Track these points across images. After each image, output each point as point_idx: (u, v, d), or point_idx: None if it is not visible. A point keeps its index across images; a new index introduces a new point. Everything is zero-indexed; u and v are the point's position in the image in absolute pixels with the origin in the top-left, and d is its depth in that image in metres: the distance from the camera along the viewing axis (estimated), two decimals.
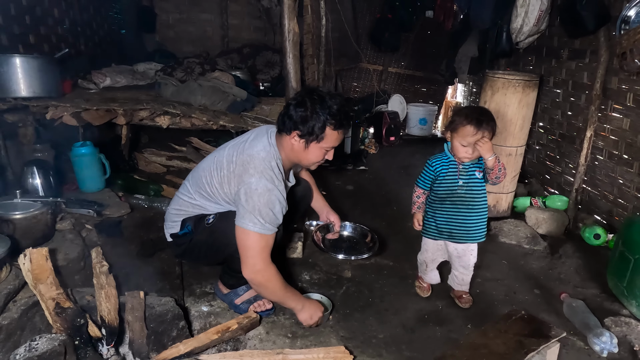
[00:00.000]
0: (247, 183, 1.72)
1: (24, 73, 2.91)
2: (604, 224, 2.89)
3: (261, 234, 1.71)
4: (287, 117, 1.77)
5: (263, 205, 1.70)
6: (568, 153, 3.33)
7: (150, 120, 3.24)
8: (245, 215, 1.70)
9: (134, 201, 3.00)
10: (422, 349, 1.85)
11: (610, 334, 1.86)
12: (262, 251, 1.73)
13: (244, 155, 1.79)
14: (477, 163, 2.01)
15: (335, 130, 1.76)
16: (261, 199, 1.70)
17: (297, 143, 1.78)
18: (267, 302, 2.01)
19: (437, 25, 5.52)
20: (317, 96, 1.75)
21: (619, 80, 2.78)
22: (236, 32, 6.08)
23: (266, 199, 1.70)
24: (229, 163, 1.82)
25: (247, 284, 1.97)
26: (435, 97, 6.20)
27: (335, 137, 1.78)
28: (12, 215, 2.07)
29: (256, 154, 1.78)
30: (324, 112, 1.72)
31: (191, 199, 1.96)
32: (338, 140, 1.81)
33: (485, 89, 3.12)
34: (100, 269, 1.83)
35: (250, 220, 1.70)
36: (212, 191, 1.88)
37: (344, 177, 4.02)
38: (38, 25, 3.53)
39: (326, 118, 1.72)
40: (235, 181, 1.77)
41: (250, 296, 2.01)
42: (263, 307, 1.99)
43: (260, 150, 1.79)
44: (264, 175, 1.72)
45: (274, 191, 1.72)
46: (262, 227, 1.70)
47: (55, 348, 1.36)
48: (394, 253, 2.66)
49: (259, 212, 1.69)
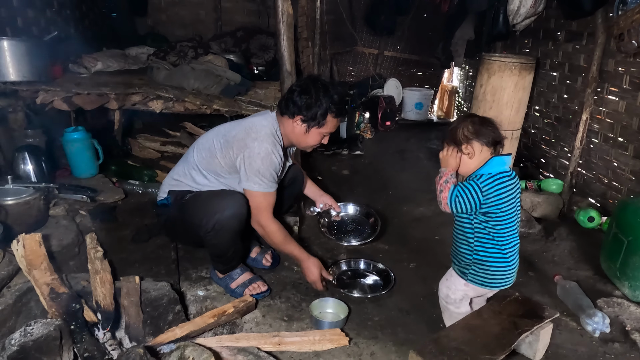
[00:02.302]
0: (249, 147, 1.87)
1: (13, 57, 2.85)
2: (598, 207, 2.91)
3: (265, 193, 1.90)
4: (291, 102, 1.91)
5: (265, 167, 1.86)
6: (563, 136, 3.33)
7: (143, 104, 3.20)
8: (250, 178, 1.87)
9: (128, 187, 2.98)
10: (418, 330, 1.87)
11: (602, 315, 1.89)
12: (266, 209, 1.93)
13: (247, 122, 1.98)
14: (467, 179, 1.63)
15: (336, 117, 1.94)
16: (264, 162, 1.86)
17: (298, 127, 1.94)
18: (262, 284, 2.03)
19: (433, 8, 5.43)
20: (321, 85, 1.92)
21: (615, 62, 2.77)
22: (229, 15, 5.97)
23: (268, 162, 1.87)
24: (231, 130, 1.97)
25: (236, 267, 2.02)
26: (431, 81, 6.16)
27: (334, 124, 1.97)
28: (4, 201, 2.05)
29: (258, 122, 1.96)
30: (327, 100, 1.88)
31: (186, 168, 2.05)
32: (336, 126, 1.99)
33: (481, 72, 3.09)
34: (95, 254, 1.82)
35: (254, 181, 1.87)
36: (211, 159, 1.97)
37: (339, 162, 4.01)
38: (26, 8, 3.44)
39: (329, 106, 1.89)
40: (237, 145, 1.90)
41: (245, 279, 2.02)
42: (258, 289, 2.00)
43: (262, 120, 1.97)
44: (266, 140, 1.88)
45: (275, 153, 1.89)
46: (265, 187, 1.89)
47: (51, 333, 1.35)
48: (390, 237, 2.67)
49: (262, 173, 1.86)
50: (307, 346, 1.70)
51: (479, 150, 1.56)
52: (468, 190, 1.54)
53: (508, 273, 1.64)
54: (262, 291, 2.01)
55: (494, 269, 1.62)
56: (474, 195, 1.54)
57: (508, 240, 1.61)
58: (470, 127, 1.57)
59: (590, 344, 1.84)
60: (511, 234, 1.61)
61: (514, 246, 1.63)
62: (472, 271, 1.65)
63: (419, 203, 3.17)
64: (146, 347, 1.43)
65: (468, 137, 1.57)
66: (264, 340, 1.68)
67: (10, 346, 1.30)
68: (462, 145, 1.58)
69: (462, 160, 1.60)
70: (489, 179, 1.54)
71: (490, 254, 1.61)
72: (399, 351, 1.75)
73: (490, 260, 1.61)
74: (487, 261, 1.61)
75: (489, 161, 1.57)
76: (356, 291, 2.13)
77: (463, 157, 1.59)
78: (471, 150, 1.57)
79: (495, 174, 1.54)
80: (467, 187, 1.55)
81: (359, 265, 2.32)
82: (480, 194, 1.53)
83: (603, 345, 1.83)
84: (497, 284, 1.65)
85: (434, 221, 2.90)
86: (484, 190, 1.53)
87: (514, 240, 1.63)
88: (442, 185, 1.60)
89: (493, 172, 1.55)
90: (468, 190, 1.54)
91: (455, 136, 1.59)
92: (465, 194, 1.55)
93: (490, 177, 1.54)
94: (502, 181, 1.54)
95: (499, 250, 1.60)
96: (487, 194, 1.53)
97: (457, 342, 1.49)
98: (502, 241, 1.60)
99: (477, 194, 1.54)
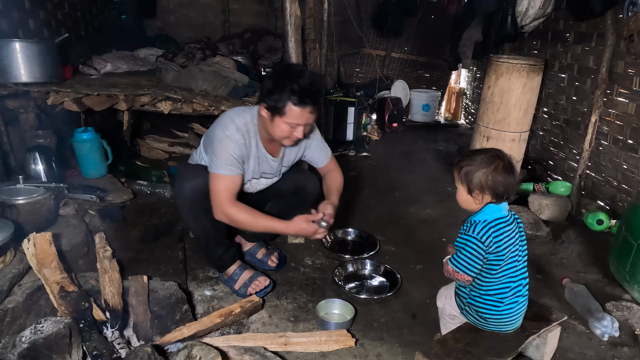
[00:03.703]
0: (210, 135, 1.89)
1: (25, 58, 2.89)
2: (607, 209, 2.88)
3: (218, 175, 1.81)
4: (261, 87, 1.85)
5: (221, 149, 1.80)
6: (572, 139, 3.30)
7: (151, 105, 3.22)
8: (210, 162, 1.85)
9: (136, 187, 3.01)
10: (424, 332, 1.86)
11: (611, 318, 1.87)
12: (223, 193, 1.81)
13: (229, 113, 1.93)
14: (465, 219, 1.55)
15: (297, 106, 1.72)
16: (221, 144, 1.81)
17: (265, 115, 1.81)
18: (264, 280, 2.04)
19: (441, 10, 5.44)
20: (286, 70, 1.82)
21: (625, 64, 2.74)
22: (237, 17, 6.01)
23: (225, 144, 1.80)
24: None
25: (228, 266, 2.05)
26: (438, 82, 6.14)
27: (298, 114, 1.74)
28: (15, 201, 2.08)
29: (228, 113, 1.91)
30: (288, 87, 1.70)
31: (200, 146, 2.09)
32: (302, 117, 1.76)
33: (489, 73, 3.08)
34: (103, 253, 1.84)
35: (210, 165, 1.84)
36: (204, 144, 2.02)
37: (346, 163, 4.01)
38: (38, 10, 3.49)
39: (288, 94, 1.71)
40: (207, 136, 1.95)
41: (246, 279, 2.04)
42: (260, 286, 2.02)
43: (241, 111, 1.92)
44: (229, 127, 1.83)
45: (232, 138, 1.82)
46: (217, 168, 1.80)
47: (60, 330, 1.37)
48: (396, 239, 2.66)
49: (216, 154, 1.80)
50: (313, 347, 1.70)
51: (487, 200, 1.47)
52: (465, 248, 1.46)
53: (504, 320, 1.52)
54: (264, 286, 2.03)
55: (489, 316, 1.51)
56: (475, 248, 1.45)
57: (505, 289, 1.49)
58: (491, 179, 1.42)
59: (599, 348, 1.82)
60: (510, 282, 1.49)
61: (514, 294, 1.50)
62: (467, 310, 1.57)
63: (426, 205, 3.16)
64: (154, 345, 1.44)
65: (484, 188, 1.44)
66: (271, 341, 1.68)
67: (21, 343, 1.32)
68: (473, 192, 1.46)
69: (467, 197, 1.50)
70: (484, 227, 1.44)
71: (484, 302, 1.50)
72: (405, 353, 1.75)
73: (484, 308, 1.51)
74: (481, 308, 1.51)
75: (484, 207, 1.47)
76: (362, 292, 2.13)
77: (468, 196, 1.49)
78: (480, 199, 1.47)
79: (490, 220, 1.45)
80: (463, 245, 1.46)
81: (365, 266, 2.32)
82: (479, 243, 1.44)
83: (612, 349, 1.81)
84: (491, 328, 1.55)
85: (440, 223, 2.90)
86: (482, 240, 1.44)
87: (515, 289, 1.50)
88: (450, 272, 1.52)
89: (488, 219, 1.45)
90: (465, 249, 1.46)
91: (471, 178, 1.45)
92: (464, 254, 1.46)
93: (485, 225, 1.44)
94: (497, 227, 1.45)
95: (496, 300, 1.49)
96: (485, 243, 1.44)
97: (463, 344, 1.49)
98: (500, 289, 1.49)
99: (476, 246, 1.45)
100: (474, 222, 1.47)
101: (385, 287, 2.19)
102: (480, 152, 1.50)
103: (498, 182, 1.42)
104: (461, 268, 1.47)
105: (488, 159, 1.45)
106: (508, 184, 1.43)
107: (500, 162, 1.44)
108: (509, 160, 1.47)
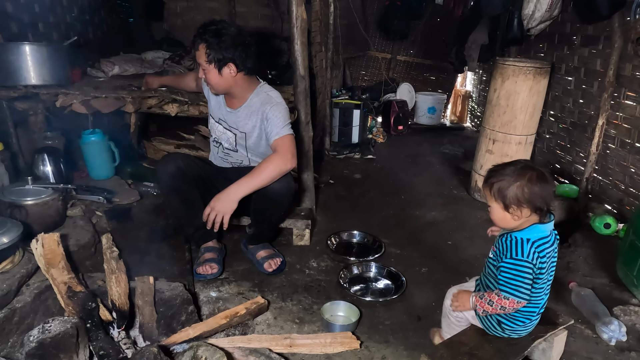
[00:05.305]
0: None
1: (34, 61, 2.91)
2: (615, 213, 2.86)
3: None
4: None
5: None
6: (579, 142, 3.29)
7: (158, 108, 3.24)
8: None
9: (143, 189, 3.03)
10: (429, 335, 1.86)
11: (618, 323, 1.86)
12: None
13: None
14: (503, 234, 1.47)
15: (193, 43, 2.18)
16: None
17: None
18: (210, 268, 2.16)
19: (446, 12, 5.44)
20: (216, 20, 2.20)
21: (632, 67, 2.73)
22: (244, 20, 6.03)
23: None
24: None
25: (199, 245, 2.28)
26: (444, 85, 6.13)
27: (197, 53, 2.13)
28: (24, 201, 2.11)
29: None
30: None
31: None
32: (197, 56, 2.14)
33: (495, 76, 3.08)
34: (110, 254, 1.85)
35: None
36: None
37: (351, 165, 4.01)
38: (47, 14, 3.53)
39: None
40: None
41: (201, 260, 2.20)
42: (207, 271, 2.15)
43: None
44: None
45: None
46: None
47: (68, 330, 1.38)
48: (402, 241, 2.66)
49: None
50: (318, 349, 1.71)
51: (526, 215, 1.39)
52: (519, 274, 1.37)
53: (523, 332, 1.53)
54: (210, 273, 2.14)
55: (511, 329, 1.51)
56: (527, 271, 1.37)
57: (536, 307, 1.49)
58: (527, 191, 1.36)
59: (606, 352, 1.80)
60: (540, 299, 1.48)
61: (540, 309, 1.51)
62: (486, 319, 1.54)
63: (432, 207, 3.15)
64: (160, 346, 1.45)
65: (521, 202, 1.37)
66: (276, 342, 1.69)
67: (29, 342, 1.33)
68: (510, 208, 1.39)
69: (504, 215, 1.42)
70: (531, 248, 1.37)
71: (512, 317, 1.49)
72: (410, 355, 1.74)
73: (511, 322, 1.50)
74: (507, 321, 1.50)
75: (530, 227, 1.41)
76: (367, 295, 2.13)
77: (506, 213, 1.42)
78: (519, 215, 1.39)
79: (534, 240, 1.38)
80: (514, 271, 1.38)
81: (370, 269, 2.32)
82: (531, 265, 1.37)
83: (619, 354, 1.79)
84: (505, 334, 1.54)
85: (446, 226, 2.89)
86: (533, 262, 1.37)
87: (543, 305, 1.51)
88: (484, 306, 1.46)
89: (532, 238, 1.38)
90: (519, 275, 1.37)
91: (505, 193, 1.38)
92: (518, 280, 1.37)
93: (532, 245, 1.38)
94: (542, 248, 1.39)
95: (524, 318, 1.49)
96: (534, 264, 1.39)
97: (469, 347, 1.49)
98: (531, 307, 1.48)
99: (529, 269, 1.37)
100: (516, 239, 1.39)
101: (390, 290, 2.19)
102: (508, 165, 1.42)
103: (535, 194, 1.35)
104: (516, 294, 1.39)
105: (519, 171, 1.38)
106: (546, 195, 1.36)
107: (534, 172, 1.37)
108: (540, 169, 1.39)
